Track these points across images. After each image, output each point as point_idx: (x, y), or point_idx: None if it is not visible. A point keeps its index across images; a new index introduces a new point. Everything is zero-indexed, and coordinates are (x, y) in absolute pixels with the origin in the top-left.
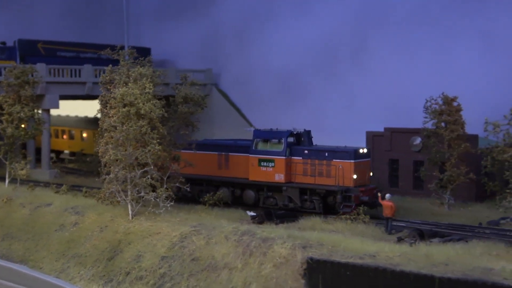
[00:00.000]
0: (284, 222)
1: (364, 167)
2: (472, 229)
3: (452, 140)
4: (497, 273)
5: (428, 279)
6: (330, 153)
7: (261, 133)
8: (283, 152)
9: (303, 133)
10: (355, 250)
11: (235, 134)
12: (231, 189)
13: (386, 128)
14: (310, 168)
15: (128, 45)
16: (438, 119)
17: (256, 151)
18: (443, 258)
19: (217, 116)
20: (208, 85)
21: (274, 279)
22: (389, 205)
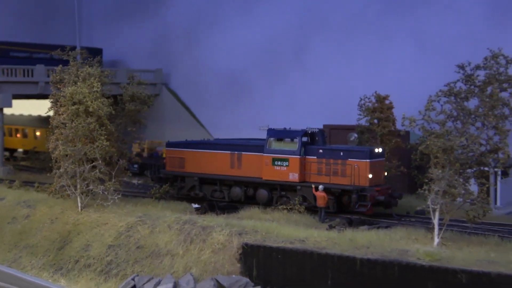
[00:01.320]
0: (225, 213)
1: (379, 167)
2: (399, 217)
3: (384, 135)
4: (412, 254)
5: (351, 260)
6: (345, 153)
7: (275, 132)
8: (298, 151)
9: (317, 132)
10: (287, 236)
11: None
12: (244, 188)
13: (325, 125)
14: (325, 168)
15: (80, 46)
16: (371, 116)
17: (270, 150)
18: (366, 242)
19: (168, 115)
20: (158, 84)
21: (212, 263)
22: (322, 196)
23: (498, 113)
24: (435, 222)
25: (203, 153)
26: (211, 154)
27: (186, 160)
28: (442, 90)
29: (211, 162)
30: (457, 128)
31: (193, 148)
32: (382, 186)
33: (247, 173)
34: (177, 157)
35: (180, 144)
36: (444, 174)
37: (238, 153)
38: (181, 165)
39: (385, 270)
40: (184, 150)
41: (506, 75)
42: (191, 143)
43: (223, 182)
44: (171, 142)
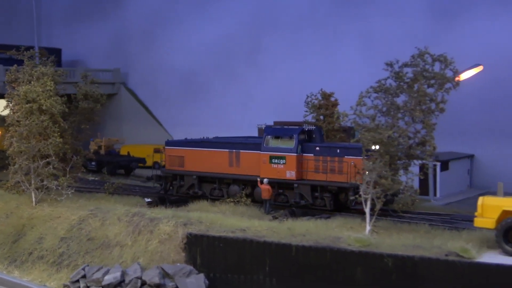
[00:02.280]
0: (176, 206)
1: None
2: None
3: (329, 131)
4: (343, 240)
5: (287, 247)
6: (342, 150)
7: (272, 130)
8: (295, 149)
9: (315, 130)
10: (230, 226)
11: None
12: (242, 186)
13: (275, 122)
14: (322, 165)
15: (39, 46)
16: (317, 113)
17: (267, 148)
18: (303, 230)
19: (126, 114)
20: (117, 84)
21: (159, 253)
22: (266, 189)
23: (424, 108)
24: (366, 211)
25: (202, 151)
26: (210, 153)
27: (186, 159)
28: (373, 87)
29: (210, 161)
30: (387, 122)
31: (192, 146)
32: None
33: (245, 172)
34: (177, 156)
35: (180, 143)
36: (374, 166)
37: (237, 151)
38: (181, 164)
39: (318, 256)
40: (183, 148)
41: (432, 72)
42: (190, 141)
43: (222, 180)
44: (170, 140)
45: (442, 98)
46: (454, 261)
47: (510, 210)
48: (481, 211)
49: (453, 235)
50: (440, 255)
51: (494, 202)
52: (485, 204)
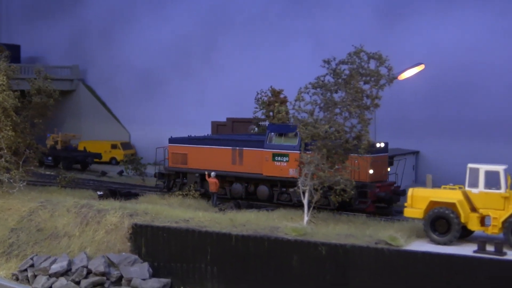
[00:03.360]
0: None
1: (381, 162)
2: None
3: None
4: (281, 230)
5: (227, 237)
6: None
7: (276, 127)
8: (298, 146)
9: None
10: (174, 217)
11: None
12: (245, 184)
13: (228, 118)
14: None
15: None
16: (267, 109)
17: (270, 146)
18: (244, 221)
19: (84, 110)
20: (75, 80)
21: (105, 243)
22: (213, 182)
23: (360, 104)
24: (304, 202)
25: (205, 149)
26: (213, 150)
27: (189, 156)
28: (311, 83)
29: (213, 158)
30: (326, 117)
31: (196, 144)
32: (383, 183)
33: (248, 169)
34: (180, 153)
35: (183, 140)
36: (312, 158)
37: (240, 148)
38: (184, 161)
39: (257, 245)
40: (186, 146)
41: (368, 70)
42: (193, 138)
43: (224, 178)
44: (173, 138)
45: (376, 94)
46: (383, 248)
47: (437, 201)
48: (410, 202)
49: (386, 225)
50: (370, 243)
51: (423, 193)
52: (414, 195)
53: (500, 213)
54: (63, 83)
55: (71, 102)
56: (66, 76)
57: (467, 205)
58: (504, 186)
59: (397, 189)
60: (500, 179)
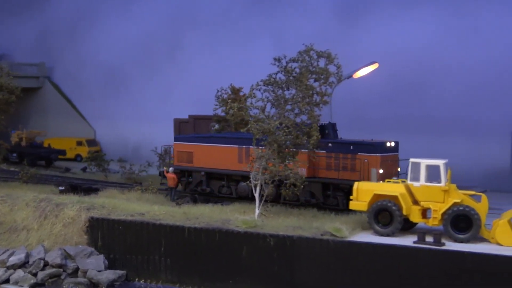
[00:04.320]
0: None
1: (391, 162)
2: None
3: (237, 124)
4: (232, 223)
5: (180, 229)
6: (356, 146)
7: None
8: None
9: (327, 125)
10: (130, 210)
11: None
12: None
13: (190, 115)
14: (334, 162)
15: None
16: (226, 106)
17: None
18: (198, 214)
19: (50, 107)
20: (41, 78)
21: (63, 236)
22: (172, 177)
23: (310, 101)
24: (256, 195)
25: (211, 147)
26: (219, 148)
27: (194, 155)
28: (263, 80)
29: (219, 157)
30: (278, 113)
31: (202, 142)
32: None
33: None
34: (185, 152)
35: (189, 138)
36: (263, 153)
37: (246, 147)
38: (189, 160)
39: (208, 237)
40: (192, 144)
41: (317, 68)
42: (199, 136)
43: (230, 177)
44: (179, 136)
45: (325, 91)
46: (328, 239)
47: (380, 194)
48: (356, 195)
49: (334, 218)
50: (316, 234)
51: (367, 187)
52: (359, 189)
53: (440, 205)
54: (29, 80)
55: (37, 99)
56: (32, 73)
57: (409, 198)
58: (444, 180)
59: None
60: (440, 173)
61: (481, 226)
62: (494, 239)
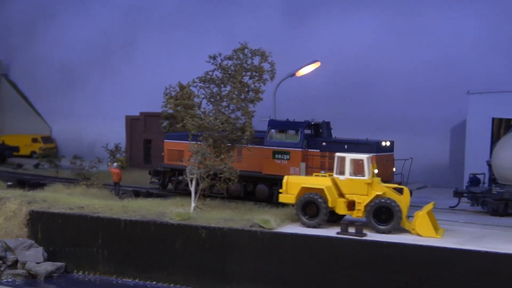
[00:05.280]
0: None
1: (386, 162)
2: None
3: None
4: (167, 215)
5: (117, 222)
6: (350, 146)
7: (277, 123)
8: (300, 143)
9: (322, 124)
10: (71, 204)
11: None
12: (243, 183)
13: (141, 113)
14: (328, 162)
15: None
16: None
17: (270, 143)
18: (136, 207)
19: (6, 105)
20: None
21: (4, 229)
22: (116, 172)
23: (244, 97)
24: (192, 189)
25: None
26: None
27: (185, 153)
28: (199, 77)
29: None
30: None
31: (193, 139)
32: (389, 183)
33: (247, 167)
34: (176, 150)
35: (179, 136)
36: (199, 148)
37: (239, 145)
38: (180, 158)
39: (144, 229)
40: (183, 142)
41: (251, 65)
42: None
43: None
44: (170, 133)
45: (259, 88)
46: (256, 231)
47: (307, 187)
48: (285, 188)
49: (268, 211)
50: (245, 226)
51: (296, 180)
52: (289, 182)
53: (364, 198)
54: None
55: None
56: None
57: (335, 191)
58: (367, 173)
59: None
60: (364, 166)
61: (402, 218)
62: (414, 230)
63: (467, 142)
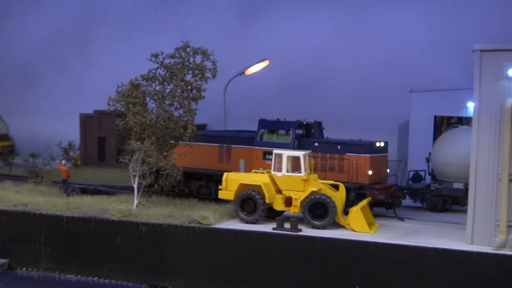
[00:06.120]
0: None
1: (380, 163)
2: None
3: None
4: (109, 212)
5: (59, 218)
6: (343, 146)
7: (267, 123)
8: (291, 144)
9: (313, 124)
10: (15, 201)
11: None
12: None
13: (95, 111)
14: (321, 163)
15: None
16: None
17: (261, 143)
18: (80, 204)
19: None
20: None
21: None
22: (64, 170)
23: (187, 95)
24: (134, 186)
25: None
26: (198, 147)
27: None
28: (141, 75)
29: (198, 155)
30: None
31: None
32: (383, 184)
33: (237, 168)
34: None
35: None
36: (142, 146)
37: (227, 145)
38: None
39: (85, 226)
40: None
41: (194, 64)
42: None
43: (210, 177)
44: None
45: (200, 86)
46: (194, 227)
47: (246, 183)
48: (225, 185)
49: (208, 207)
50: (184, 222)
51: (235, 177)
52: (228, 179)
53: (300, 194)
54: None
55: None
56: None
57: (273, 187)
58: (303, 170)
59: (398, 192)
60: (301, 163)
61: (336, 213)
62: (349, 225)
63: (410, 140)
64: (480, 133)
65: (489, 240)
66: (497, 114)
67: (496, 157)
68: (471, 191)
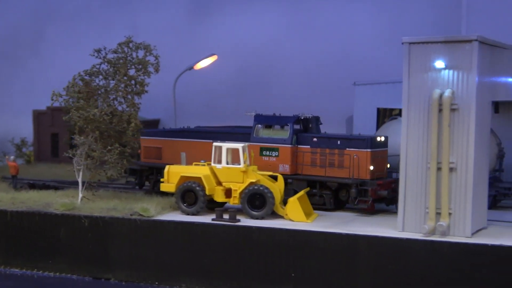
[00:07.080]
0: None
1: (381, 158)
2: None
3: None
4: (53, 206)
5: (3, 213)
6: (343, 141)
7: (264, 118)
8: (289, 139)
9: (312, 119)
10: None
11: None
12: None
13: (47, 107)
14: (320, 158)
15: None
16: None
17: (257, 139)
18: (26, 199)
19: None
20: None
21: None
22: (13, 165)
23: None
24: (79, 180)
25: (183, 142)
26: (191, 144)
27: (163, 150)
28: (85, 70)
29: (191, 153)
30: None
31: (171, 136)
32: (384, 180)
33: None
34: (153, 147)
35: (157, 133)
36: (86, 140)
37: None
38: (158, 156)
39: (29, 219)
40: (161, 139)
41: (136, 58)
42: (169, 131)
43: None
44: (147, 130)
45: (143, 81)
46: (135, 219)
47: (186, 176)
48: (167, 177)
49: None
50: (126, 214)
51: (176, 170)
52: (170, 171)
53: (240, 185)
54: None
55: None
56: None
57: (213, 179)
58: (242, 162)
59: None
60: (240, 155)
61: (274, 204)
62: (287, 215)
63: (354, 132)
64: (409, 123)
65: (419, 227)
66: (425, 105)
67: (425, 147)
68: (402, 180)
